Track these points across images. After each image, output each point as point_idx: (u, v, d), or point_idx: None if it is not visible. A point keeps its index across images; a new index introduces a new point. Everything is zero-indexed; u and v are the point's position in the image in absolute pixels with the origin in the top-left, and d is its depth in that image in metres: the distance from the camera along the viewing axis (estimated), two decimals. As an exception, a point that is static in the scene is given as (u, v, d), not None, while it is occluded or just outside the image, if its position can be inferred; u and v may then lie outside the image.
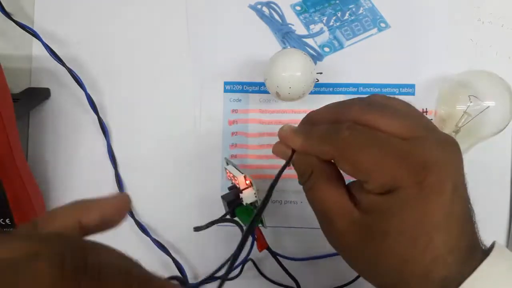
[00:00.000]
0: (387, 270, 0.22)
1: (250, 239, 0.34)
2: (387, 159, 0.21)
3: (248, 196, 0.31)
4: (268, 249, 0.35)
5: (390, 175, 0.21)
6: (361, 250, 0.23)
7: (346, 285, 0.38)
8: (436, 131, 0.23)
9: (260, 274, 0.39)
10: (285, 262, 0.37)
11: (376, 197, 0.22)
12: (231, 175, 0.33)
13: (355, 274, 0.37)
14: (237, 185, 0.32)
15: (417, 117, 0.24)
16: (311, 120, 0.26)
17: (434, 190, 0.21)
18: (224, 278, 0.19)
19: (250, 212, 0.32)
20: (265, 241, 0.33)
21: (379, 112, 0.23)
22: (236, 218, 0.33)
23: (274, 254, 0.36)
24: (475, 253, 0.22)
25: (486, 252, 0.22)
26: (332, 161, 0.24)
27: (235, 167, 0.33)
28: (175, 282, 0.37)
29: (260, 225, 0.34)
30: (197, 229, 0.29)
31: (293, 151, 0.25)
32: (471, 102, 0.34)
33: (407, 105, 0.25)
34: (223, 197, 0.32)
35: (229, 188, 0.33)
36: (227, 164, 0.35)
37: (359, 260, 0.24)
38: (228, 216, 0.32)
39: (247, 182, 0.32)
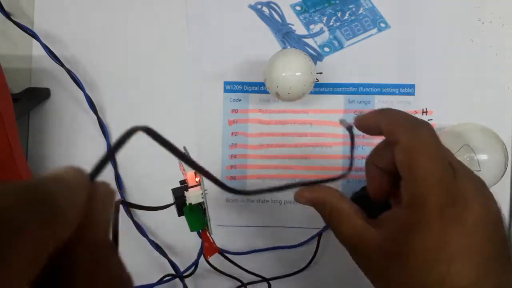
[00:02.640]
0: None
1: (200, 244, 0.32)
2: (436, 174, 0.22)
3: (193, 196, 0.28)
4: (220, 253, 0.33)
5: (428, 187, 0.22)
6: (386, 272, 0.23)
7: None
8: (471, 172, 0.24)
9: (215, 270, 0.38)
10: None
11: (400, 211, 0.23)
12: (182, 168, 0.29)
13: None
14: (186, 181, 0.29)
15: None
16: None
17: (456, 218, 0.22)
18: None
19: (197, 213, 0.28)
20: (215, 247, 0.30)
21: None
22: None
23: (224, 255, 0.35)
24: None
25: None
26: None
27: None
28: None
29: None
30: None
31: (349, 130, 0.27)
32: (461, 147, 0.35)
33: None
34: (173, 190, 0.29)
35: (181, 182, 0.29)
36: (186, 154, 0.32)
37: (387, 283, 0.24)
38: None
39: (197, 179, 0.28)
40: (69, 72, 0.38)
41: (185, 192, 0.28)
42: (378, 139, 0.27)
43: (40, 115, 0.40)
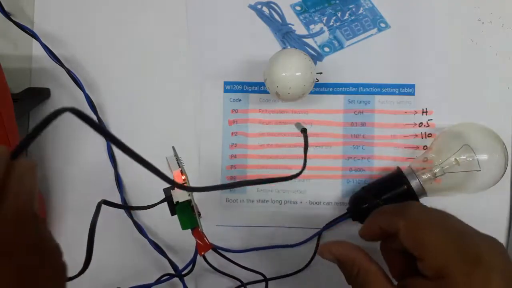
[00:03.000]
0: None
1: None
2: (446, 244, 0.23)
3: (179, 194, 0.28)
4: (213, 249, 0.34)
5: (445, 259, 0.23)
6: None
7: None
8: (480, 232, 0.25)
9: (212, 269, 0.38)
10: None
11: (427, 282, 0.23)
12: (169, 167, 0.30)
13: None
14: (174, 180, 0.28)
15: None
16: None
17: (482, 282, 0.22)
18: None
19: (188, 211, 0.28)
20: (208, 243, 0.30)
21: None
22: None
23: (218, 251, 0.36)
24: None
25: None
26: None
27: (177, 160, 0.30)
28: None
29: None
30: None
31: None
32: (461, 147, 0.35)
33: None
34: (164, 190, 0.29)
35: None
36: (174, 154, 0.32)
37: None
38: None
39: (183, 177, 0.29)
40: (69, 72, 0.38)
41: (171, 191, 0.28)
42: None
43: (40, 115, 0.40)
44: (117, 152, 0.40)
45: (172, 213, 0.28)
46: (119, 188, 0.39)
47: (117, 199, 0.39)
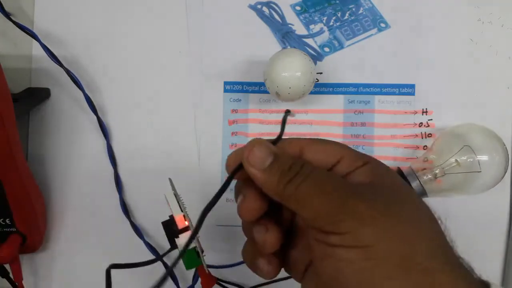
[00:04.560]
0: None
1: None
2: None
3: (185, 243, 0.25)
4: (217, 283, 0.34)
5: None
6: None
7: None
8: None
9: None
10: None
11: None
12: (169, 206, 0.28)
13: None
14: (175, 222, 0.27)
15: None
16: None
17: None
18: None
19: (192, 254, 0.27)
20: (212, 278, 0.30)
21: None
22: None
23: (222, 285, 0.36)
24: None
25: None
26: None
27: (177, 199, 0.28)
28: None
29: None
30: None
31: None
32: (462, 148, 0.35)
33: None
34: (163, 224, 0.28)
35: (170, 216, 0.28)
36: (172, 188, 0.29)
37: None
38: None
39: (186, 223, 0.27)
40: (69, 72, 0.38)
41: (176, 239, 0.27)
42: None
43: (40, 115, 0.40)
44: (117, 152, 0.40)
45: (173, 248, 0.28)
46: (118, 188, 0.39)
47: (116, 199, 0.39)
